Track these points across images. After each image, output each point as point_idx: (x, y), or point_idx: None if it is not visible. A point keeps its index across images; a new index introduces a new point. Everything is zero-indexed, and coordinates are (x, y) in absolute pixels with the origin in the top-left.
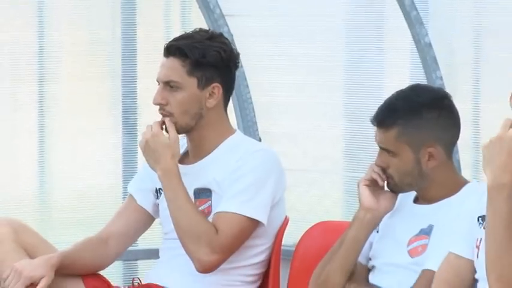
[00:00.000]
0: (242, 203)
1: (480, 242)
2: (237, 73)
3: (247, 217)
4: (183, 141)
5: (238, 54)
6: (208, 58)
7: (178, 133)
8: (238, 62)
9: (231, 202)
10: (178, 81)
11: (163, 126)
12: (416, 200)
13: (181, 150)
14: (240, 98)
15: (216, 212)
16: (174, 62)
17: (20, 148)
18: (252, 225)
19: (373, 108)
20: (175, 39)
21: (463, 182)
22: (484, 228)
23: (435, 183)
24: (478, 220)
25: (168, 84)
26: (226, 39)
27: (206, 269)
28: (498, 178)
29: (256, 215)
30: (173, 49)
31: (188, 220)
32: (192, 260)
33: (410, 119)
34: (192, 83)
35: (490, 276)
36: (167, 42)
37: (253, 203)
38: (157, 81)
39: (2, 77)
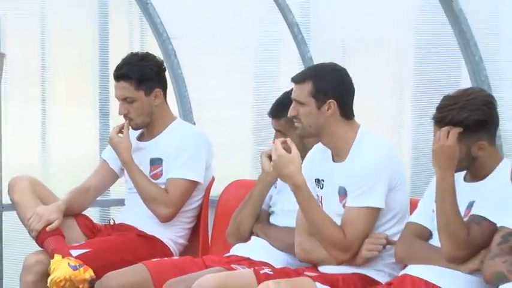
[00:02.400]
0: (185, 170)
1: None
2: (178, 78)
3: (190, 180)
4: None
5: (162, 61)
6: (146, 75)
7: (139, 128)
8: (165, 67)
9: (178, 170)
10: (131, 96)
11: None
12: None
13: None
14: (181, 94)
15: (168, 178)
16: (124, 84)
17: (28, 129)
18: (193, 185)
19: (271, 102)
20: (119, 68)
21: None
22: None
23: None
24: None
25: (125, 100)
26: (152, 55)
27: (165, 219)
28: (294, 181)
29: (195, 178)
30: (120, 75)
31: (145, 189)
32: (154, 215)
33: None
34: (140, 94)
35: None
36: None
37: (193, 170)
38: (117, 98)
39: (16, 79)
